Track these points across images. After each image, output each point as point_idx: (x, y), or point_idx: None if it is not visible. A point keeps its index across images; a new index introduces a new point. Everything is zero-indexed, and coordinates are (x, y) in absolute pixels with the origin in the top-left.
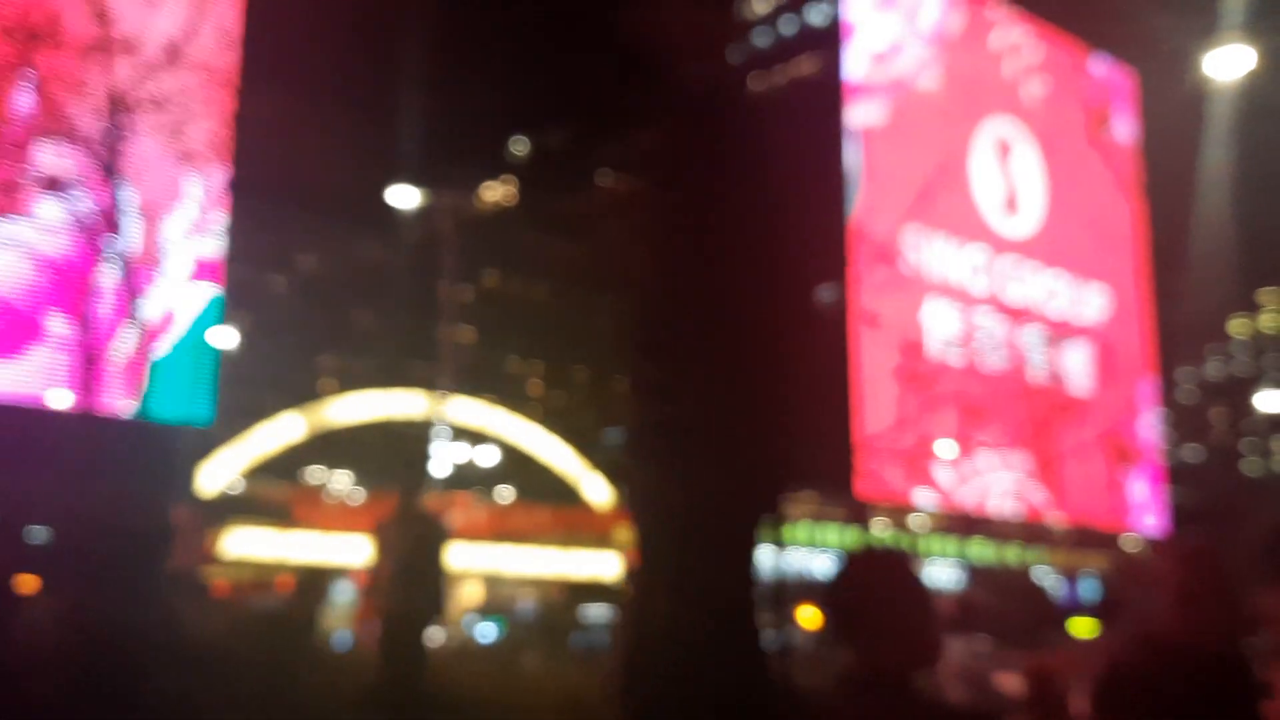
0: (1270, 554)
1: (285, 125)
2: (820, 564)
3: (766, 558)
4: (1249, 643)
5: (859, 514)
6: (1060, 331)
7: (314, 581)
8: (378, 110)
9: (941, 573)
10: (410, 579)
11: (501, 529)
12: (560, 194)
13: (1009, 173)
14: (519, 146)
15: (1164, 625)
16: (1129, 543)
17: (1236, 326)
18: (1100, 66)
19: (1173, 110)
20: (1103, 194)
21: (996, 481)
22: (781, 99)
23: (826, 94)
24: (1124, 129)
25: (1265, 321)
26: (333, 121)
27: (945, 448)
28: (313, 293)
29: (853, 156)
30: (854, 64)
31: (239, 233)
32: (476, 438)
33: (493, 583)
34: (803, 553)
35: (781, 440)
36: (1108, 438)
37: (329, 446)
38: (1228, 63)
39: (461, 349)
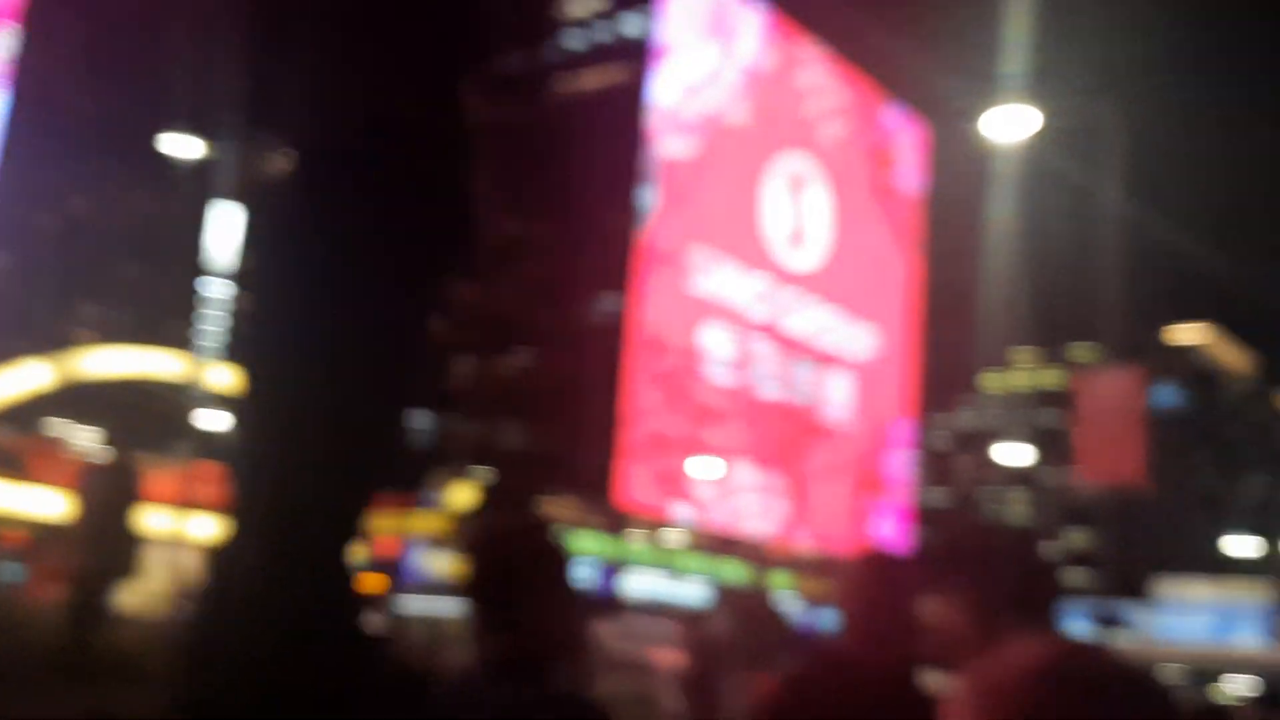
0: (944, 564)
1: (72, 61)
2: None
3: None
4: (930, 663)
5: (618, 524)
6: (828, 365)
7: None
8: (173, 61)
9: (691, 589)
10: (94, 540)
11: None
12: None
13: (799, 208)
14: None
15: (841, 640)
16: None
17: (990, 381)
18: (894, 116)
19: (957, 168)
20: (884, 240)
21: (752, 503)
22: (582, 107)
23: (628, 108)
24: (910, 180)
25: (1016, 379)
26: (122, 64)
27: (706, 466)
28: (79, 238)
29: (651, 173)
30: (666, 93)
31: (7, 166)
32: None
33: None
34: None
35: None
36: (860, 471)
37: (76, 399)
38: (1010, 125)
39: (228, 313)
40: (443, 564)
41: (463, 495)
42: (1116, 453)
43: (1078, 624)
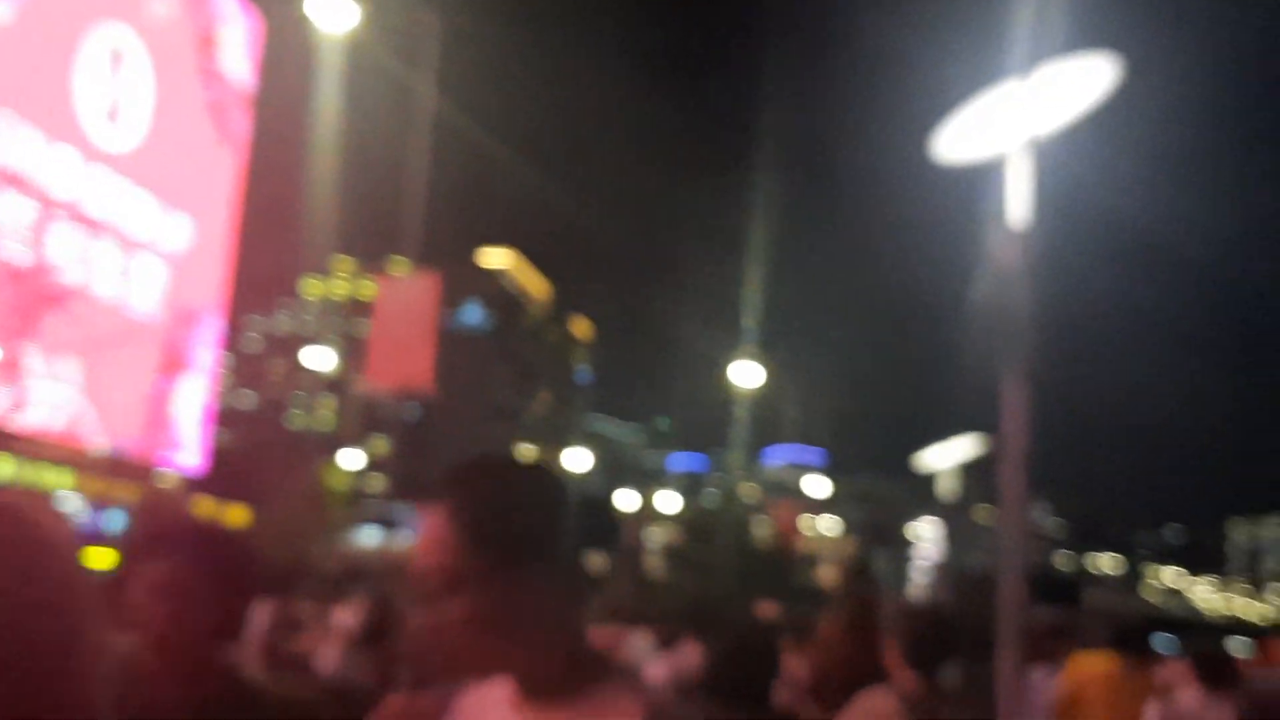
0: None
1: None
2: None
3: None
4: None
5: None
6: (135, 251)
7: None
8: None
9: None
10: None
11: None
12: None
13: (117, 83)
14: None
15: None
16: (161, 478)
17: (310, 287)
18: (227, 2)
19: (289, 65)
20: (206, 130)
21: (38, 393)
22: None
23: None
24: (240, 72)
25: (335, 287)
26: None
27: None
28: None
29: None
30: None
31: None
32: None
33: None
34: None
35: None
36: (164, 368)
37: None
38: (333, 17)
39: None
40: None
41: None
42: (407, 359)
43: (367, 529)
